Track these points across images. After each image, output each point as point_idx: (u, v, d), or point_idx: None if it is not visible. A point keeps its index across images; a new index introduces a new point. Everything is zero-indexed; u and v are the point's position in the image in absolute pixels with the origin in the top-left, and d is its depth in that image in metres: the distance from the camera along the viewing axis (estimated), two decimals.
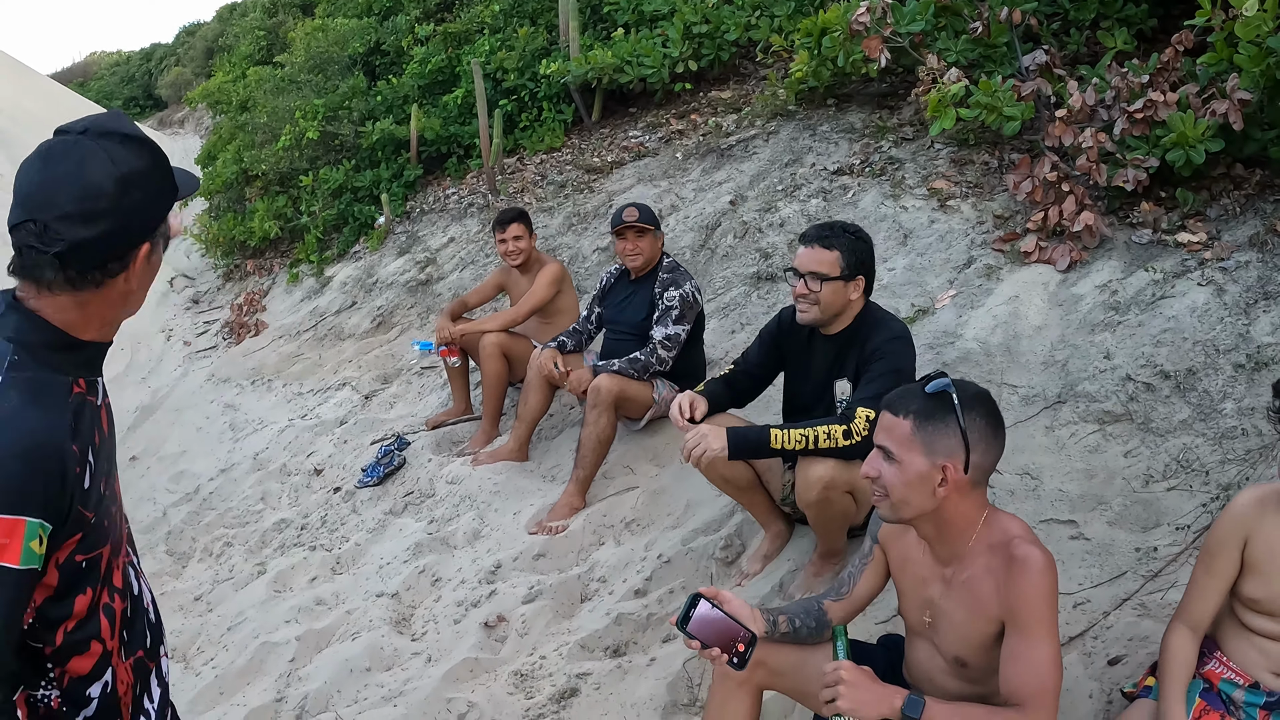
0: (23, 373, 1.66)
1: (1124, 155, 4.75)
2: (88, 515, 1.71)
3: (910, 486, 2.33)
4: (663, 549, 4.30)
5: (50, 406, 1.66)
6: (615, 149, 8.38)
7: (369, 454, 6.10)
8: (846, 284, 3.47)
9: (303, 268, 10.27)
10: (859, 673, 2.34)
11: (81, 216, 1.64)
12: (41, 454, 1.61)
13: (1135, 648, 2.98)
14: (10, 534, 1.56)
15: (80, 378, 1.74)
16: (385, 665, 4.13)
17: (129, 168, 1.68)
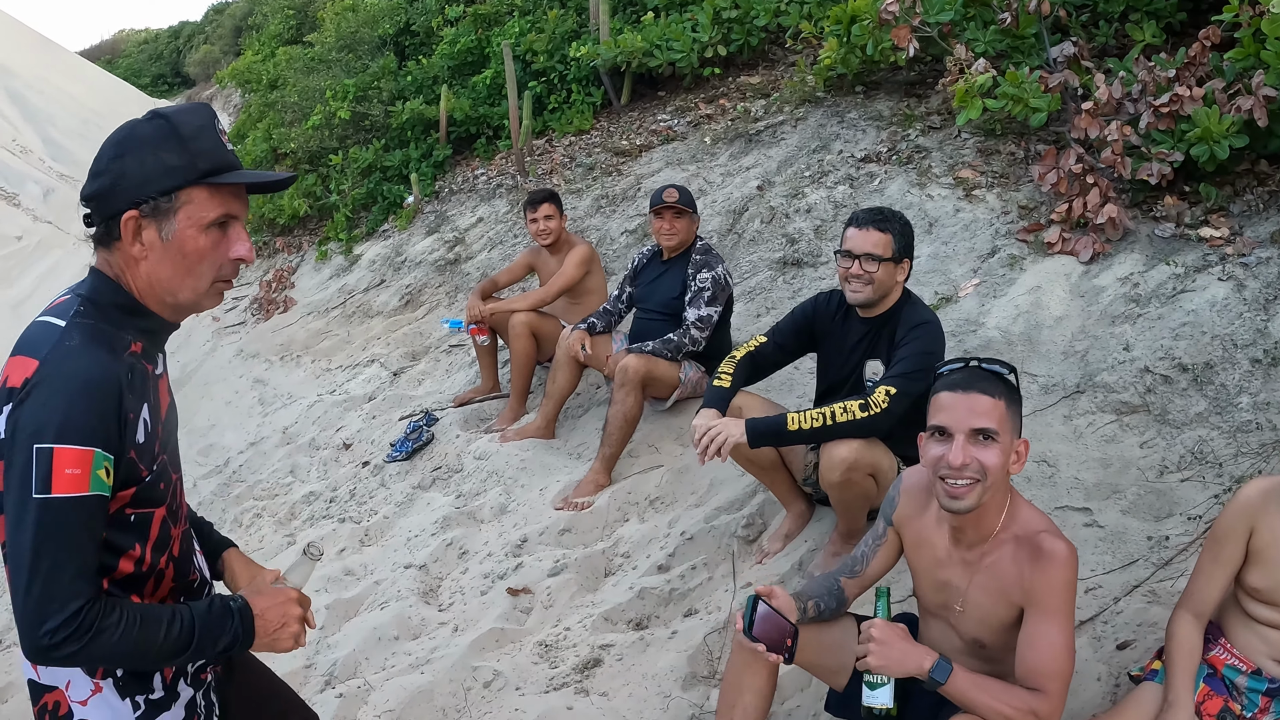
0: (85, 320, 1.78)
1: (1149, 149, 4.79)
2: (141, 470, 1.82)
3: (1004, 466, 2.39)
4: (686, 526, 4.38)
5: (108, 350, 1.76)
6: (644, 132, 8.43)
7: (397, 429, 6.19)
8: (896, 266, 3.55)
9: (331, 245, 10.37)
10: (891, 631, 2.44)
11: (92, 173, 1.82)
12: (101, 389, 1.71)
13: (1144, 633, 3.04)
14: (81, 463, 1.67)
15: (138, 341, 1.85)
16: (413, 634, 4.23)
17: (130, 135, 1.81)
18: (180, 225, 1.80)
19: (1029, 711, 2.30)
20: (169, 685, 1.97)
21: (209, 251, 1.84)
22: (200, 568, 2.10)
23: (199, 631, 1.82)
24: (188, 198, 1.79)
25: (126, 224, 1.79)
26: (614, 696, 3.55)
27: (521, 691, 3.67)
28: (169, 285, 1.84)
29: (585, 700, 3.54)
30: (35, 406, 1.68)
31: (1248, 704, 2.53)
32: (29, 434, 1.67)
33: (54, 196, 16.50)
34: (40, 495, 1.66)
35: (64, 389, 1.69)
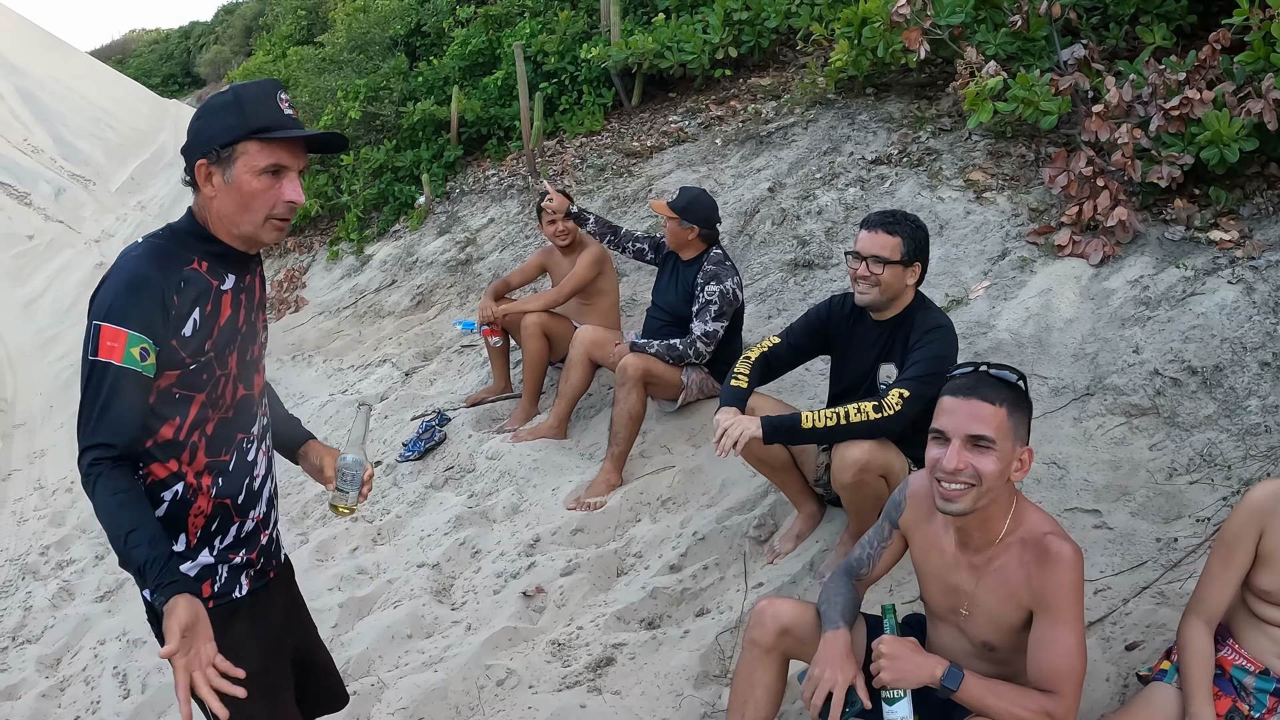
0: (157, 240, 2.32)
1: (1159, 152, 4.81)
2: (185, 358, 2.27)
3: (1001, 474, 2.41)
4: (698, 526, 4.41)
5: (163, 262, 2.26)
6: (655, 133, 8.46)
7: (409, 429, 6.22)
8: (905, 269, 3.55)
9: (343, 245, 10.41)
10: (900, 644, 2.49)
11: (186, 131, 2.33)
12: (143, 287, 2.22)
13: (1153, 634, 3.07)
14: (117, 339, 2.18)
15: (204, 261, 2.32)
16: (426, 632, 4.27)
17: (207, 105, 2.33)
18: (238, 171, 2.26)
19: (1043, 713, 2.34)
20: (191, 546, 2.41)
21: (262, 193, 2.29)
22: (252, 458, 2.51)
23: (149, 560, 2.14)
24: (244, 149, 2.26)
25: (199, 170, 2.29)
26: (626, 695, 3.58)
27: (535, 690, 3.70)
28: (232, 219, 2.31)
29: (598, 699, 3.57)
30: (100, 294, 2.24)
31: (1256, 704, 2.55)
32: (92, 313, 2.23)
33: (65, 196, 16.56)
34: (90, 357, 2.20)
35: (117, 283, 2.22)
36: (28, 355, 11.06)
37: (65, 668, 5.05)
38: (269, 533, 2.60)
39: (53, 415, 9.25)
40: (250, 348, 2.47)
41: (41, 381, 10.22)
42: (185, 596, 2.15)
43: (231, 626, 2.43)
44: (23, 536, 6.81)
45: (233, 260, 2.38)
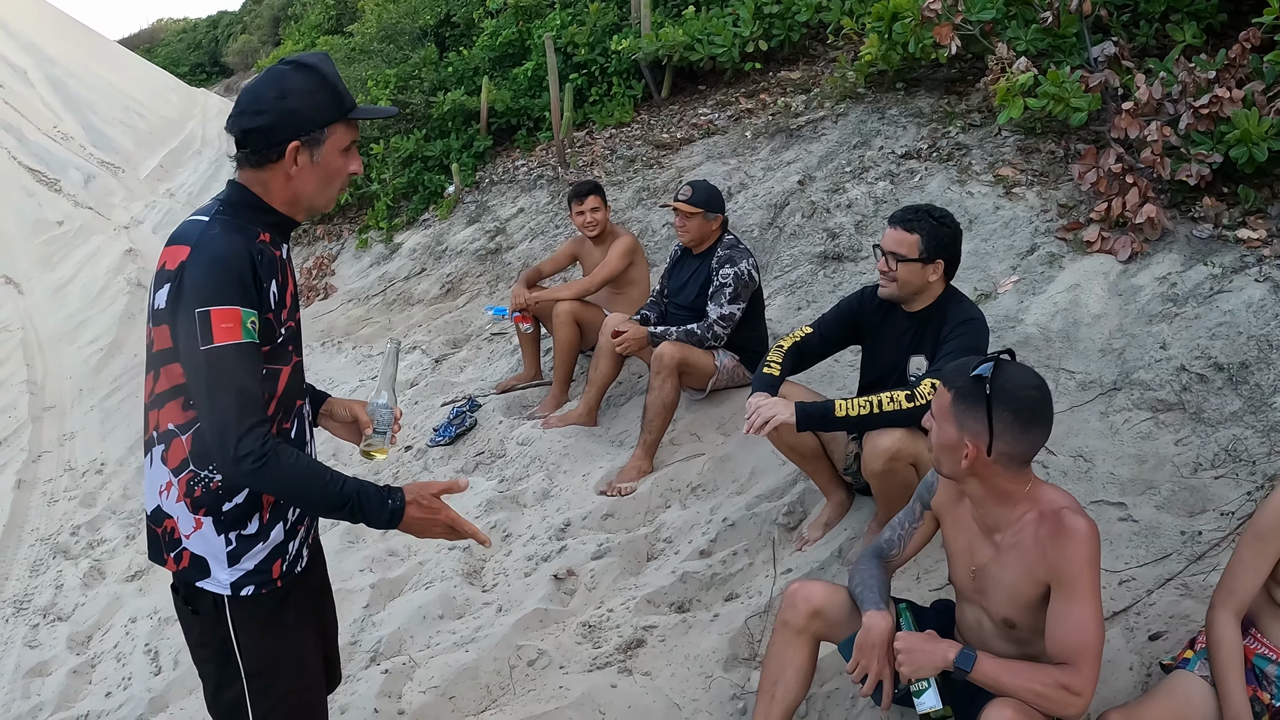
0: (223, 216, 2.30)
1: (1188, 150, 4.83)
2: (275, 330, 2.31)
3: (943, 450, 2.57)
4: (727, 513, 4.45)
5: (239, 235, 2.26)
6: (684, 126, 8.50)
7: (440, 415, 6.27)
8: (925, 266, 3.58)
9: (372, 234, 10.49)
10: (913, 638, 2.57)
11: (251, 112, 2.29)
12: (236, 260, 2.20)
13: (1176, 625, 3.09)
14: (232, 319, 2.17)
15: (266, 232, 2.33)
16: (457, 613, 4.31)
17: (290, 84, 2.29)
18: (327, 150, 2.32)
19: (1060, 686, 2.36)
20: (263, 525, 2.40)
21: (343, 170, 2.37)
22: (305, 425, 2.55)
23: (357, 497, 2.25)
24: (333, 130, 2.31)
25: (290, 151, 2.28)
26: (656, 676, 3.62)
27: (565, 670, 3.74)
28: (311, 196, 2.36)
29: (628, 679, 3.61)
30: (190, 280, 2.19)
31: (1277, 693, 2.57)
32: (189, 302, 2.17)
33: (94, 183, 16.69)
34: (205, 346, 2.15)
35: (210, 265, 2.19)
36: (57, 340, 11.15)
37: (96, 645, 5.11)
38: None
39: (82, 399, 9.33)
40: (299, 314, 2.50)
41: (71, 365, 10.31)
42: (409, 489, 2.33)
43: (289, 603, 2.48)
44: (53, 517, 6.88)
45: (285, 230, 2.43)
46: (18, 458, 8.02)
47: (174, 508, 2.36)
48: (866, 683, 2.67)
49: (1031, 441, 2.51)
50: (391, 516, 2.30)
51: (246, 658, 2.42)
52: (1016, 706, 2.38)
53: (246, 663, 2.43)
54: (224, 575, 2.37)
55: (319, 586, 2.78)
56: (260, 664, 2.44)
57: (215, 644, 2.43)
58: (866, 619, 2.70)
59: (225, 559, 2.36)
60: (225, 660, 2.43)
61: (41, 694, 4.76)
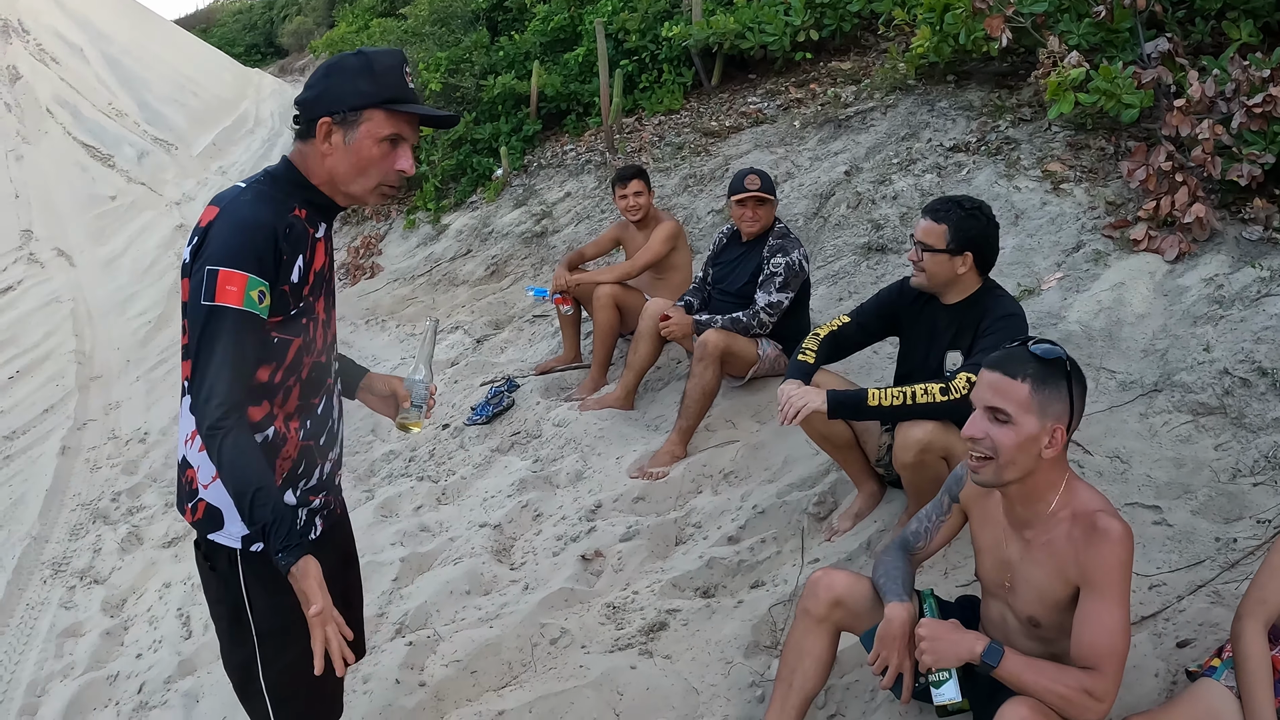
0: (261, 186, 2.37)
1: (1240, 149, 4.76)
2: (290, 304, 2.35)
3: (1021, 449, 2.44)
4: (758, 500, 4.45)
5: (271, 206, 2.32)
6: (733, 114, 8.48)
7: (478, 394, 6.32)
8: (952, 258, 3.56)
9: (419, 215, 10.55)
10: (937, 626, 2.54)
11: (306, 86, 2.39)
12: (259, 230, 2.26)
13: (1205, 633, 3.04)
14: (237, 283, 2.22)
15: (303, 209, 2.39)
16: (484, 590, 4.35)
17: (338, 63, 2.36)
18: (360, 135, 2.34)
19: (1083, 690, 2.34)
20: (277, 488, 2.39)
21: (379, 160, 2.37)
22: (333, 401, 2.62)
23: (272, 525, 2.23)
24: (370, 116, 2.33)
25: (320, 126, 2.34)
26: (677, 660, 3.64)
27: (587, 650, 3.77)
28: (343, 178, 2.39)
29: (649, 661, 3.63)
30: (212, 239, 2.26)
31: None
32: (205, 259, 2.24)
33: (148, 159, 16.89)
34: (206, 302, 2.22)
35: (232, 228, 2.26)
36: (107, 311, 11.32)
37: (130, 608, 5.20)
38: (339, 473, 2.72)
39: (129, 370, 9.47)
40: (333, 294, 2.56)
41: (119, 337, 10.47)
42: (311, 557, 2.26)
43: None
44: (95, 483, 6.99)
45: (326, 210, 2.47)
46: (63, 425, 8.15)
47: (196, 457, 2.45)
48: (887, 675, 2.66)
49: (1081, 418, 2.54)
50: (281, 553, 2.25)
51: (258, 616, 2.50)
52: (1033, 705, 2.36)
53: (258, 621, 2.51)
54: (235, 529, 2.44)
55: (342, 557, 2.84)
56: (272, 624, 2.51)
57: (229, 602, 2.52)
58: (888, 610, 2.69)
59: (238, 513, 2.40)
60: (238, 617, 2.52)
61: (74, 654, 4.85)
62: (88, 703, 4.39)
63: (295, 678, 2.58)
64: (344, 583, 2.85)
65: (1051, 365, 2.47)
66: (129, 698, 4.31)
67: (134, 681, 4.43)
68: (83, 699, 4.41)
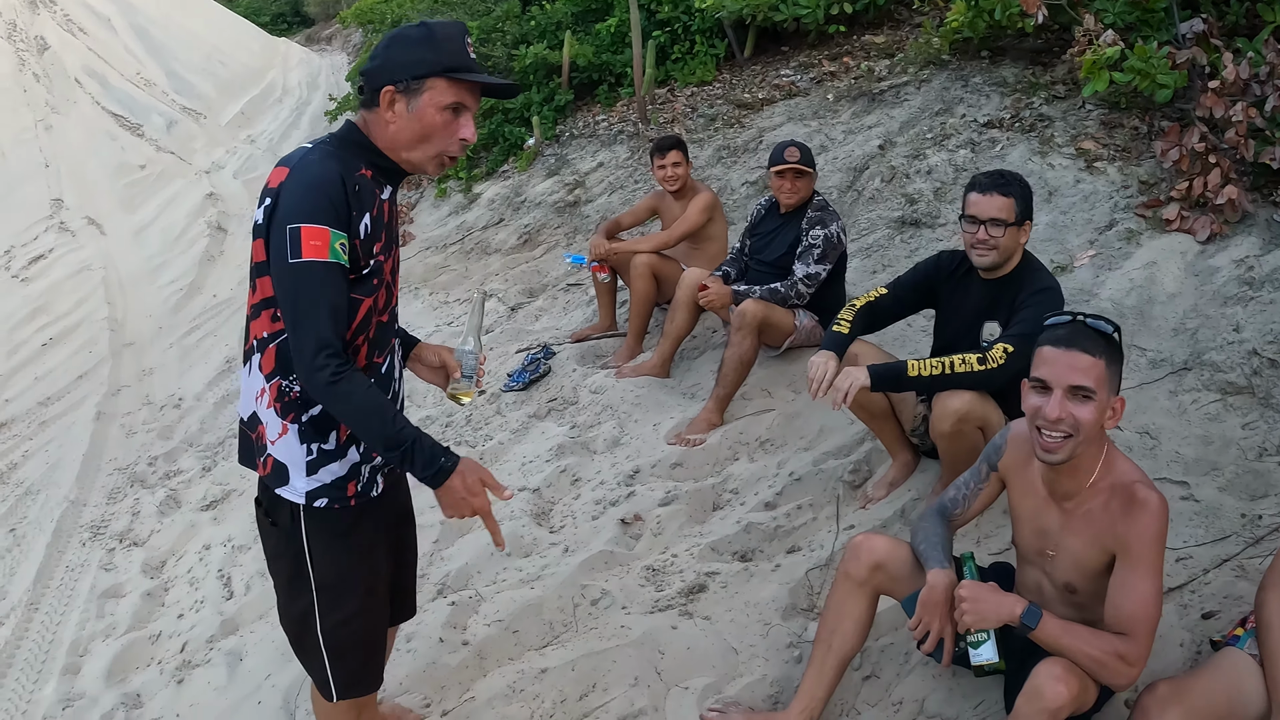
0: (327, 147, 2.43)
1: (1273, 132, 4.79)
2: (360, 259, 2.41)
3: (1098, 424, 2.52)
4: (794, 468, 4.52)
5: (339, 163, 2.38)
6: (766, 86, 8.50)
7: (514, 361, 6.37)
8: (1019, 229, 3.60)
9: (451, 184, 10.58)
10: (978, 588, 2.61)
11: (370, 57, 2.46)
12: (330, 185, 2.33)
13: (1230, 605, 3.12)
14: (320, 238, 2.30)
15: (368, 170, 2.46)
16: (524, 552, 4.41)
17: (401, 34, 2.43)
18: (423, 103, 2.40)
19: (1116, 655, 2.42)
20: (341, 444, 2.56)
21: (441, 128, 2.43)
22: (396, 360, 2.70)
23: (413, 444, 2.36)
24: (432, 84, 2.39)
25: (384, 95, 2.40)
26: (716, 621, 3.71)
27: (628, 610, 3.84)
28: (405, 145, 2.45)
29: (689, 622, 3.71)
30: (286, 199, 2.33)
31: None
32: (282, 219, 2.31)
33: (176, 128, 16.94)
34: (294, 260, 2.29)
35: (305, 186, 2.33)
36: (138, 279, 11.37)
37: (170, 570, 5.26)
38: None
39: (161, 336, 9.52)
40: (397, 257, 2.64)
41: (151, 304, 10.52)
42: (462, 461, 2.43)
43: (362, 524, 2.65)
44: (131, 448, 7.04)
45: (392, 173, 2.53)
46: (98, 391, 8.21)
47: (265, 414, 2.53)
48: (928, 640, 2.74)
49: None
50: (436, 475, 2.40)
51: (318, 569, 2.61)
52: (1067, 665, 2.45)
53: (317, 574, 2.61)
54: (300, 484, 2.54)
55: (400, 515, 2.94)
56: (331, 577, 2.62)
57: (290, 555, 2.62)
58: (931, 577, 2.77)
59: (304, 468, 2.53)
60: (298, 570, 2.62)
61: (115, 614, 4.91)
62: (130, 661, 4.46)
63: (351, 632, 2.70)
64: (400, 539, 2.96)
65: (1114, 340, 2.56)
66: (172, 656, 4.37)
67: (176, 641, 4.50)
68: (125, 658, 4.48)
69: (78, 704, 4.24)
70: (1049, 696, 2.42)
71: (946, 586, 2.74)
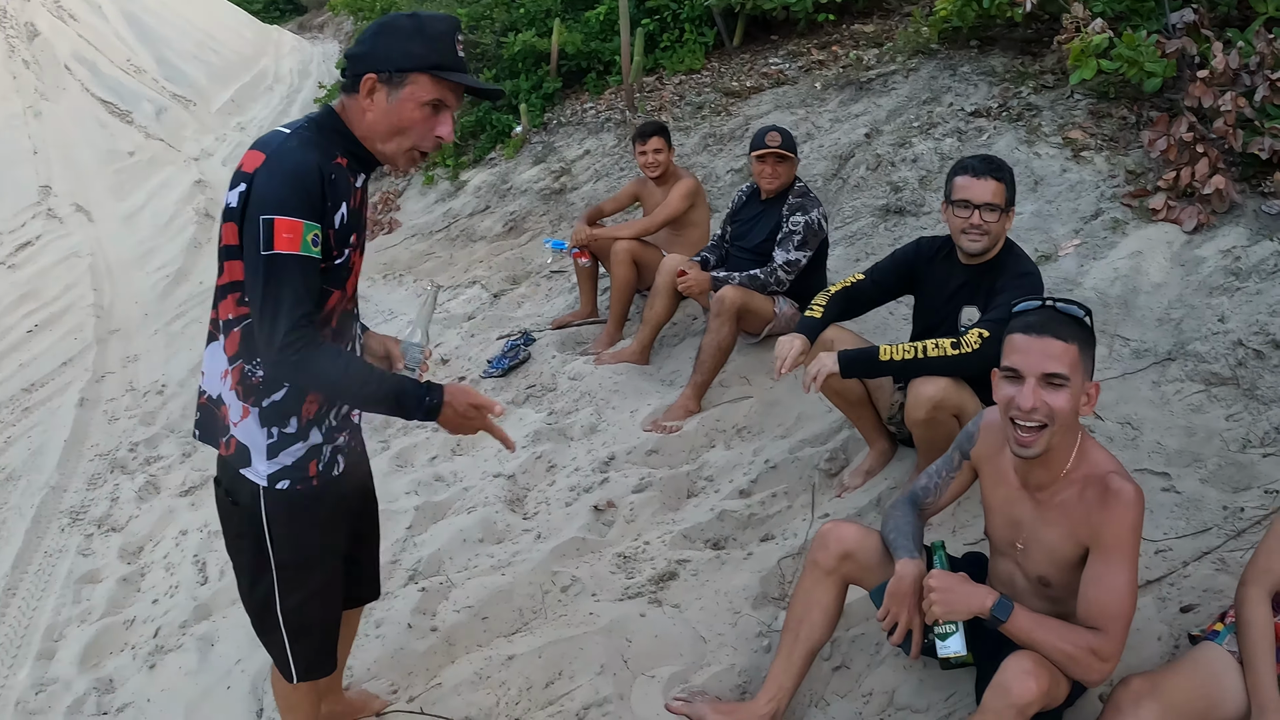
0: (306, 132, 2.39)
1: (1262, 123, 4.75)
2: (334, 251, 2.39)
3: (1073, 411, 2.45)
4: (770, 455, 4.49)
5: (317, 151, 2.34)
6: (755, 74, 8.47)
7: (495, 348, 6.32)
8: (1007, 215, 3.56)
9: (438, 171, 10.53)
10: (948, 578, 2.54)
11: (357, 41, 2.42)
12: (307, 176, 2.29)
13: (1209, 599, 3.07)
14: (294, 230, 2.26)
15: (344, 158, 2.42)
16: (496, 538, 4.39)
17: (390, 23, 2.38)
18: (403, 96, 2.36)
19: (1088, 650, 2.36)
20: (302, 426, 2.53)
21: (418, 123, 2.40)
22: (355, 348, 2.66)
23: (399, 390, 2.40)
24: (415, 79, 2.35)
25: (365, 82, 2.36)
26: (686, 609, 3.68)
27: (597, 598, 3.82)
28: (381, 136, 2.41)
29: (658, 610, 3.68)
30: (261, 187, 2.28)
31: None
32: (257, 207, 2.27)
33: (166, 115, 16.84)
34: (266, 252, 2.25)
35: (281, 175, 2.28)
36: (126, 265, 11.31)
37: (147, 555, 5.22)
38: (359, 414, 2.76)
39: (147, 323, 9.45)
40: (365, 245, 2.60)
41: (138, 291, 10.46)
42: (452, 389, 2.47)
43: (323, 503, 2.62)
44: (113, 434, 6.99)
45: (365, 162, 2.49)
46: (82, 377, 8.15)
47: (228, 395, 2.52)
48: (896, 631, 2.69)
49: None
50: (428, 412, 2.43)
51: (278, 549, 2.58)
52: (1037, 659, 2.39)
53: (278, 554, 2.58)
54: (262, 467, 2.52)
55: (362, 495, 2.91)
56: (290, 557, 2.59)
57: (251, 535, 2.59)
58: (899, 567, 2.71)
59: (265, 451, 2.51)
60: (259, 550, 2.59)
61: (91, 599, 4.87)
62: (104, 646, 4.43)
63: (310, 612, 2.68)
64: (362, 518, 2.93)
65: (1083, 326, 2.50)
66: (145, 642, 4.34)
67: (150, 626, 4.47)
68: (99, 643, 4.45)
69: (51, 689, 4.20)
70: (1017, 692, 2.36)
71: (915, 577, 2.68)
